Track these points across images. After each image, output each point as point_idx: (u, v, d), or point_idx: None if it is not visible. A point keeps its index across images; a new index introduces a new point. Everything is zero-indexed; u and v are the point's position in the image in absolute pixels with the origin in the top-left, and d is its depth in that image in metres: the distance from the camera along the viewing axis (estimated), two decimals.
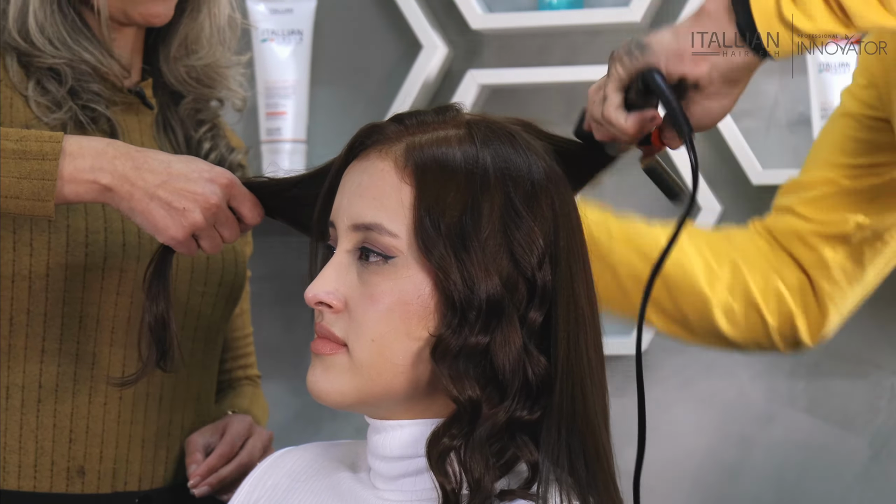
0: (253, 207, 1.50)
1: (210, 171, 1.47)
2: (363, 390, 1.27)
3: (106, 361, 1.66)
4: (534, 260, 1.25)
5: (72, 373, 1.65)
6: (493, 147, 1.27)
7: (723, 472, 2.45)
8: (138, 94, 1.74)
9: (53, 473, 1.65)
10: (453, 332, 1.23)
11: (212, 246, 1.49)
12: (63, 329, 1.64)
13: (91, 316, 1.65)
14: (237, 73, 1.83)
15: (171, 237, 1.46)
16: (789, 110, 2.41)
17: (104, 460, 1.67)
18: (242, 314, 1.91)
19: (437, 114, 1.31)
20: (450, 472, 1.22)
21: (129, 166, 1.46)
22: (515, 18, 2.39)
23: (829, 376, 2.42)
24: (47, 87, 1.65)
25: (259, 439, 1.74)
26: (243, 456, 1.71)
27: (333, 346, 1.27)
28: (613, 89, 1.39)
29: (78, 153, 1.47)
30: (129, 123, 1.73)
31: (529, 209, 1.26)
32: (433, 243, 1.23)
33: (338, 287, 1.27)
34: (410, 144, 1.27)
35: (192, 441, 1.72)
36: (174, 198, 1.45)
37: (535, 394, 1.25)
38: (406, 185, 1.26)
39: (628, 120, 1.38)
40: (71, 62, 1.66)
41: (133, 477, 1.69)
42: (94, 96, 1.67)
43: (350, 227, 1.27)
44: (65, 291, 1.63)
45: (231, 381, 1.91)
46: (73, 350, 1.65)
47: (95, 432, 1.66)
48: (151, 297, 1.48)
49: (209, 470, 1.68)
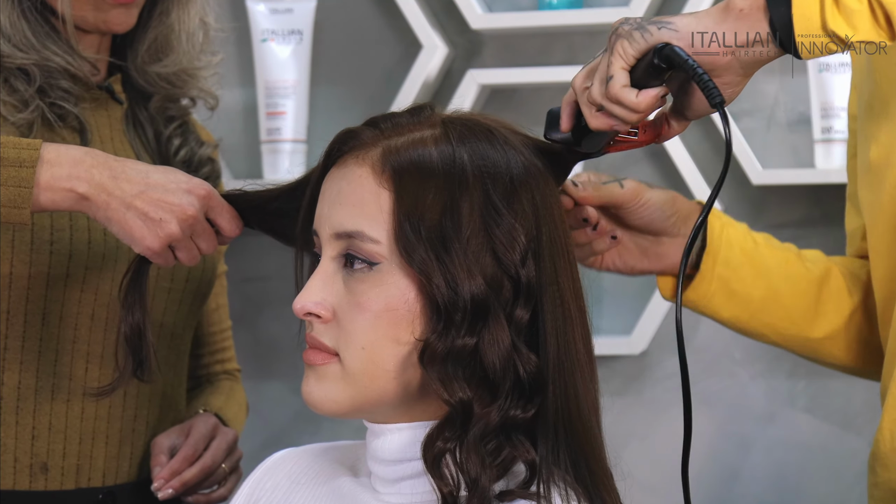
0: (231, 219, 1.49)
1: (188, 182, 1.47)
2: (357, 398, 1.27)
3: (69, 359, 1.67)
4: (516, 257, 1.24)
5: (34, 370, 1.65)
6: (469, 144, 1.27)
7: (723, 472, 2.45)
8: (107, 89, 1.74)
9: (16, 470, 1.66)
10: (439, 336, 1.23)
11: (189, 258, 1.49)
12: (26, 327, 1.65)
13: (54, 314, 1.65)
14: (209, 73, 1.83)
15: (147, 248, 1.46)
16: (789, 110, 2.41)
17: (67, 457, 1.67)
18: (219, 309, 1.91)
19: (412, 115, 1.30)
20: (446, 474, 1.22)
21: (106, 175, 1.46)
22: (515, 18, 2.39)
23: (829, 376, 2.41)
24: (15, 85, 1.65)
25: (223, 440, 1.74)
26: (206, 458, 1.71)
27: (325, 356, 1.27)
28: (619, 67, 1.32)
29: (55, 161, 1.47)
30: (98, 119, 1.73)
31: (509, 206, 1.25)
32: (414, 248, 1.23)
33: (325, 297, 1.27)
34: (387, 148, 1.27)
35: (158, 443, 1.72)
36: (151, 208, 1.45)
37: (529, 392, 1.25)
38: (384, 190, 1.25)
39: (639, 97, 1.32)
40: (38, 63, 1.66)
41: (97, 473, 1.70)
42: (63, 94, 1.67)
43: (332, 235, 1.27)
44: (28, 290, 1.64)
45: (209, 376, 1.91)
46: (35, 349, 1.65)
47: (58, 429, 1.67)
48: (127, 307, 1.48)
49: (172, 473, 1.68)
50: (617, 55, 1.33)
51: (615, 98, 1.32)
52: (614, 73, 1.32)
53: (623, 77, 1.32)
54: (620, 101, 1.32)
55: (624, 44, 1.32)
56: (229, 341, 1.95)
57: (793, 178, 2.33)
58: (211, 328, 1.91)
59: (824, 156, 2.31)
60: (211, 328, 1.91)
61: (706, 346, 2.43)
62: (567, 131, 1.38)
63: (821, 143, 2.31)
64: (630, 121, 1.33)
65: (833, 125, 2.30)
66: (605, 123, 1.35)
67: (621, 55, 1.32)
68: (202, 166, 1.79)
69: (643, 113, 1.33)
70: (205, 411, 1.80)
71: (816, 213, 2.41)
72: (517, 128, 1.34)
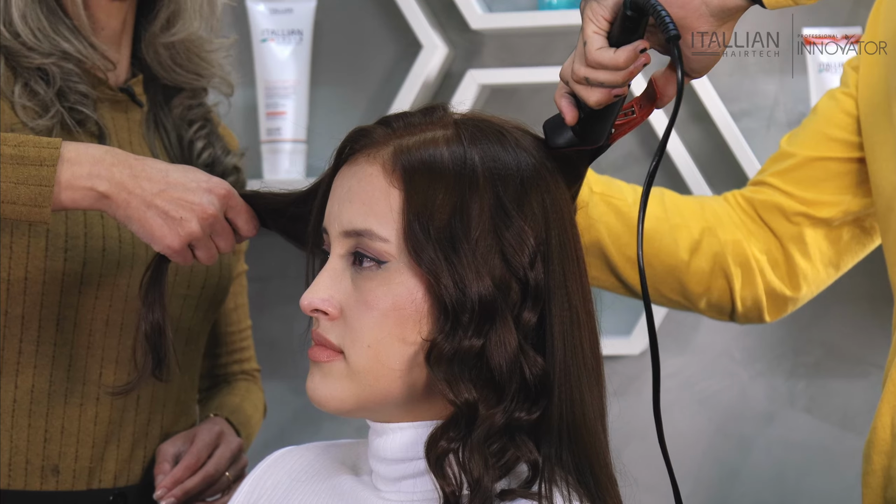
0: (249, 219, 1.49)
1: (208, 182, 1.47)
2: (362, 396, 1.26)
3: (83, 364, 1.67)
4: (525, 260, 1.24)
5: (48, 375, 1.66)
6: (481, 146, 1.27)
7: (723, 472, 2.45)
8: (127, 91, 1.74)
9: (28, 472, 1.66)
10: (446, 337, 1.23)
11: (207, 256, 1.49)
12: (40, 332, 1.65)
13: (69, 319, 1.65)
14: (222, 55, 1.82)
15: (167, 246, 1.46)
16: (789, 110, 2.41)
17: (80, 459, 1.68)
18: (238, 308, 1.91)
19: (424, 115, 1.30)
20: (449, 473, 1.22)
21: (126, 174, 1.46)
22: (515, 18, 2.39)
23: (829, 376, 2.42)
24: (35, 89, 1.65)
25: (227, 449, 1.75)
26: (209, 467, 1.71)
27: (330, 354, 1.27)
28: (592, 32, 1.30)
29: (76, 160, 1.47)
30: (117, 122, 1.73)
31: (519, 208, 1.25)
32: (422, 248, 1.23)
33: (332, 294, 1.27)
34: (398, 147, 1.27)
35: (163, 450, 1.72)
36: (171, 207, 1.45)
37: (534, 394, 1.24)
38: (395, 189, 1.25)
39: (618, 53, 1.29)
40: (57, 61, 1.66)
41: (108, 475, 1.70)
42: (81, 97, 1.67)
43: (341, 233, 1.27)
44: (42, 295, 1.64)
45: (227, 376, 1.91)
46: (49, 353, 1.65)
47: (71, 432, 1.67)
48: (148, 306, 1.48)
49: (174, 482, 1.68)
50: (588, 20, 1.31)
51: (595, 62, 1.30)
52: (588, 37, 1.30)
53: (598, 40, 1.30)
54: (601, 64, 1.30)
55: (593, 6, 1.31)
56: (248, 341, 1.94)
57: None
58: (229, 328, 1.91)
59: None
60: (229, 328, 1.91)
61: (706, 346, 2.43)
62: (574, 122, 1.35)
63: None
64: (617, 81, 1.30)
65: None
66: (601, 95, 1.32)
67: (592, 19, 1.31)
68: (227, 175, 1.79)
69: (626, 70, 1.30)
70: (215, 415, 1.80)
71: None
72: (530, 129, 1.34)
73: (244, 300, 1.93)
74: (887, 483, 1.56)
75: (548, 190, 1.28)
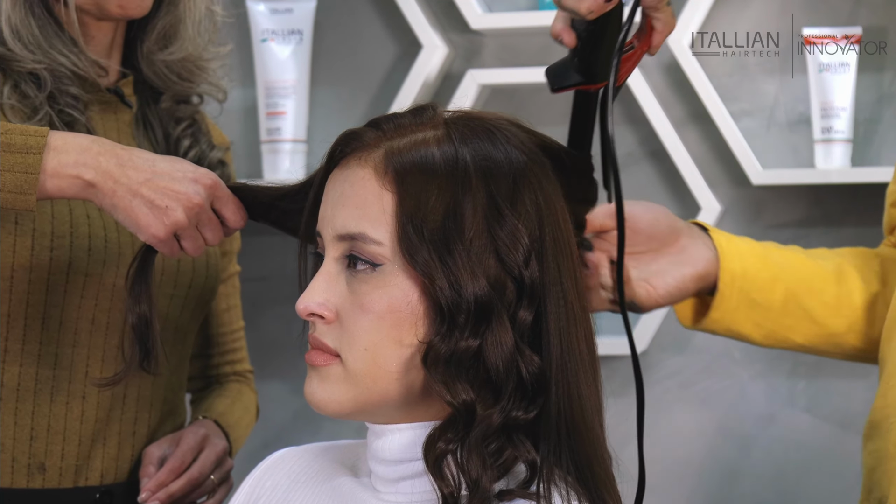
0: (236, 210, 1.49)
1: (194, 172, 1.47)
2: (360, 399, 1.26)
3: (68, 362, 1.67)
4: (519, 258, 1.24)
5: (34, 373, 1.66)
6: (472, 145, 1.26)
7: (723, 472, 2.45)
8: (117, 92, 1.74)
9: (14, 470, 1.66)
10: (442, 338, 1.23)
11: (194, 247, 1.48)
12: (25, 330, 1.65)
13: (54, 318, 1.66)
14: (217, 65, 1.82)
15: (153, 235, 1.46)
16: (789, 110, 2.41)
17: (66, 457, 1.68)
18: (230, 310, 1.91)
19: (414, 115, 1.30)
20: (447, 474, 1.22)
21: (113, 163, 1.46)
22: (515, 18, 2.39)
23: (829, 376, 2.42)
24: (26, 91, 1.65)
25: (212, 451, 1.74)
26: (194, 470, 1.71)
27: (327, 357, 1.27)
28: None
29: (62, 148, 1.46)
30: (106, 123, 1.73)
31: (513, 206, 1.25)
32: (416, 250, 1.23)
33: (328, 297, 1.27)
34: (389, 150, 1.26)
35: (148, 453, 1.72)
36: (157, 196, 1.45)
37: (531, 393, 1.24)
38: (387, 191, 1.25)
39: None
40: (49, 66, 1.66)
41: (95, 473, 1.70)
42: (71, 100, 1.67)
43: (335, 237, 1.27)
44: (28, 293, 1.64)
45: (219, 378, 1.91)
46: (35, 351, 1.66)
47: (57, 430, 1.67)
48: (134, 297, 1.47)
49: (159, 485, 1.68)
50: None
51: None
52: None
53: None
54: None
55: None
56: (241, 342, 1.94)
57: (793, 178, 2.33)
58: (221, 329, 1.90)
59: (824, 156, 2.31)
60: (221, 329, 1.90)
61: (706, 346, 2.43)
62: (573, 44, 1.37)
63: (821, 143, 2.32)
64: None
65: (833, 125, 2.30)
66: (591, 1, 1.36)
67: None
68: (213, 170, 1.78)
69: None
70: (203, 418, 1.80)
71: (816, 213, 2.41)
72: (523, 123, 1.33)
73: (237, 301, 1.93)
74: (887, 461, 1.56)
75: (540, 186, 1.27)
